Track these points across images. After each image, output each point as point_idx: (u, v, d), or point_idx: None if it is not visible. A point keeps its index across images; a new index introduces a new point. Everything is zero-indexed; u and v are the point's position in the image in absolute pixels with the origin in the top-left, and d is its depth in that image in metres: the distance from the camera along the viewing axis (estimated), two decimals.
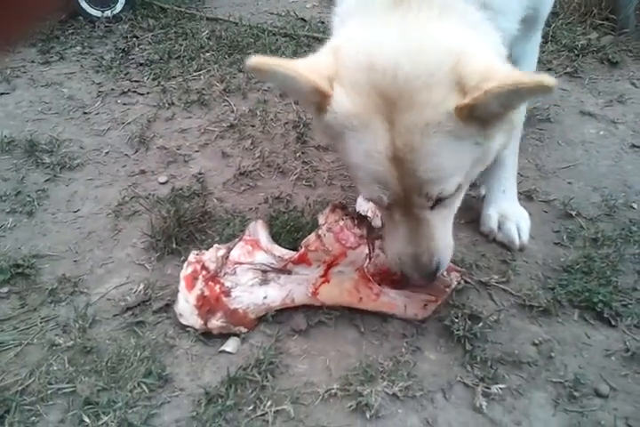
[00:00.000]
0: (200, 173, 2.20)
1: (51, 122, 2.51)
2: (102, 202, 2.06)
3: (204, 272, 1.61)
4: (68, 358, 1.51)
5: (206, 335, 1.56)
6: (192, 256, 1.66)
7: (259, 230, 1.69)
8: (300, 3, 3.81)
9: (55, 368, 1.49)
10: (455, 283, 1.60)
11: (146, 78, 2.85)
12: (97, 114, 2.58)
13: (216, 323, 1.54)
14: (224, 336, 1.56)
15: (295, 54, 3.01)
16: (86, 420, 1.37)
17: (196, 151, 2.34)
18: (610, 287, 1.66)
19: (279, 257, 1.63)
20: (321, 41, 3.20)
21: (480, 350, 1.52)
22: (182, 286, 1.60)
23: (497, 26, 1.30)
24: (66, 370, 1.48)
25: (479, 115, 1.15)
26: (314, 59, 1.26)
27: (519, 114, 1.32)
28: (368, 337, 1.58)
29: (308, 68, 1.21)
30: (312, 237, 1.55)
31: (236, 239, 1.69)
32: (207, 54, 3.03)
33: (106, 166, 2.25)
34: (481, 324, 1.57)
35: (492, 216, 1.89)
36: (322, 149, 2.34)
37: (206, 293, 1.57)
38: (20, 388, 1.44)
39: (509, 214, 1.88)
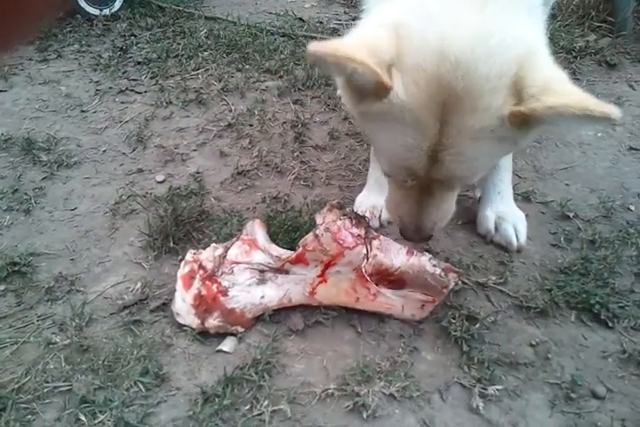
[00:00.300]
0: (198, 172, 2.20)
1: (48, 120, 2.50)
2: (99, 200, 2.06)
3: (201, 271, 1.60)
4: (65, 356, 1.51)
5: (203, 335, 1.56)
6: (189, 255, 1.66)
7: (256, 230, 1.69)
8: (299, 2, 3.81)
9: (51, 367, 1.49)
10: (453, 284, 1.60)
11: (144, 77, 2.84)
12: (94, 112, 2.57)
13: (213, 322, 1.54)
14: (221, 336, 1.56)
15: (293, 54, 3.01)
16: (82, 418, 1.36)
17: (194, 150, 2.34)
18: (607, 289, 1.67)
19: (277, 257, 1.63)
20: (319, 41, 3.20)
21: (477, 351, 1.52)
22: (179, 285, 1.60)
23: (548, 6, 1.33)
24: (62, 368, 1.48)
25: (530, 122, 1.10)
26: (371, 37, 1.12)
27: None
28: (365, 337, 1.58)
29: (370, 52, 1.06)
30: (309, 236, 1.55)
31: (234, 239, 1.69)
32: (205, 53, 3.03)
33: (103, 165, 2.25)
34: (478, 325, 1.57)
35: (489, 217, 1.88)
36: (320, 149, 2.34)
37: (203, 292, 1.56)
38: (16, 386, 1.43)
39: (506, 216, 1.87)
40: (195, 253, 1.66)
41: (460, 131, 1.12)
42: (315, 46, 1.01)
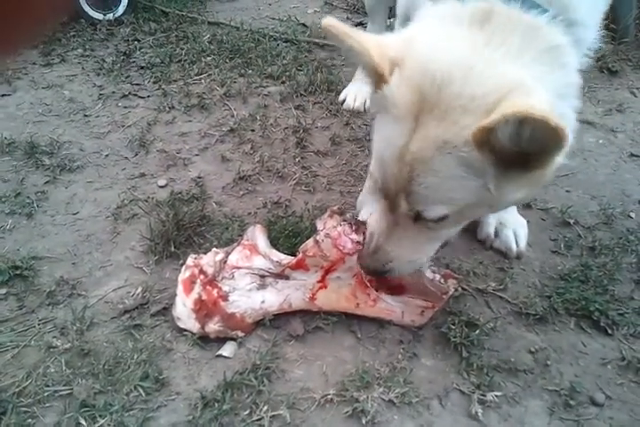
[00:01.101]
0: (199, 177, 2.21)
1: (51, 124, 2.51)
2: (101, 205, 2.06)
3: (201, 276, 1.61)
4: (66, 360, 1.51)
5: (203, 339, 1.56)
6: (190, 260, 1.67)
7: (257, 235, 1.70)
8: (302, 8, 3.82)
9: (52, 370, 1.49)
10: (452, 290, 1.61)
11: (147, 82, 2.85)
12: (97, 117, 2.58)
13: (213, 327, 1.55)
14: (221, 340, 1.56)
15: (295, 60, 3.03)
16: (83, 423, 1.37)
17: (196, 155, 2.34)
18: (607, 296, 1.67)
19: (277, 262, 1.63)
20: (322, 46, 3.22)
21: (476, 358, 1.52)
22: (180, 289, 1.60)
23: (582, 47, 1.32)
24: (63, 372, 1.48)
25: (494, 145, 1.12)
26: (387, 38, 1.29)
27: (541, 175, 1.21)
28: (365, 343, 1.58)
29: (377, 45, 1.23)
30: (310, 242, 1.56)
31: (235, 244, 1.69)
32: (208, 58, 3.04)
33: (105, 169, 2.26)
34: (477, 331, 1.57)
35: (489, 223, 1.89)
36: (321, 155, 2.35)
37: (204, 297, 1.57)
38: (16, 390, 1.44)
39: (507, 222, 1.88)
40: (196, 258, 1.67)
41: (427, 138, 1.18)
42: (330, 20, 1.25)
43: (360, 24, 3.56)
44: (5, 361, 1.52)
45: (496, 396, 1.43)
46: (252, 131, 2.48)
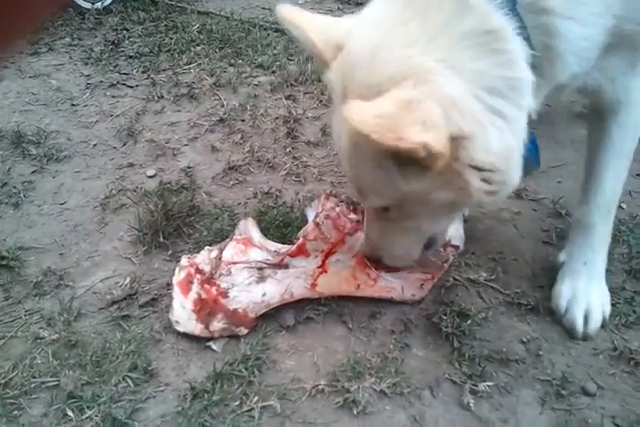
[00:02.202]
0: (189, 167, 2.18)
1: (38, 113, 2.48)
2: (89, 195, 2.04)
3: (198, 275, 1.58)
4: (53, 351, 1.49)
5: None
6: (184, 260, 1.63)
7: (249, 228, 1.68)
8: None
9: (39, 362, 1.47)
10: (451, 257, 1.59)
11: (135, 71, 2.82)
12: (85, 106, 2.55)
13: (218, 325, 1.50)
14: None
15: (286, 49, 3.00)
16: (70, 414, 1.35)
17: (185, 145, 2.32)
18: None
19: (275, 252, 1.61)
20: None
21: (468, 348, 1.51)
22: (177, 292, 1.55)
23: (564, 43, 1.13)
24: (50, 364, 1.46)
25: None
26: (338, 23, 1.26)
27: (448, 180, 1.11)
28: (356, 333, 1.57)
29: (323, 31, 1.24)
30: (310, 226, 1.54)
31: (227, 240, 1.67)
32: (198, 48, 3.01)
33: (93, 159, 2.23)
34: (469, 321, 1.56)
35: (562, 293, 1.60)
36: (312, 145, 2.33)
37: (203, 295, 1.53)
38: (2, 381, 1.42)
39: (581, 294, 1.58)
40: (189, 258, 1.63)
41: (344, 117, 1.03)
42: (285, 10, 1.28)
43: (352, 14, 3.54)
44: None
45: (488, 386, 1.42)
46: (242, 121, 2.46)
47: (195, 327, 1.51)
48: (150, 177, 2.13)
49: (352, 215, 1.54)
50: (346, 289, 1.58)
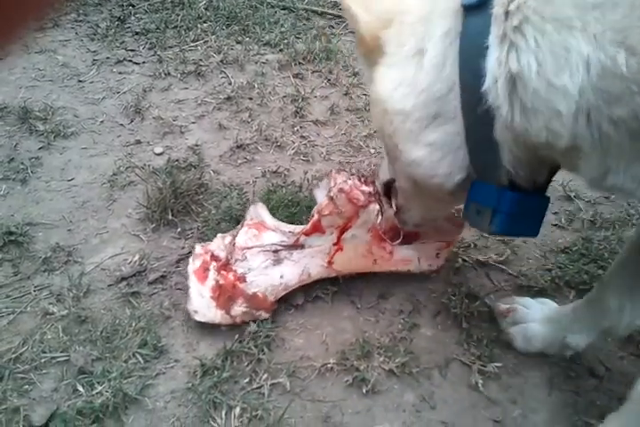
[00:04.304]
0: (196, 145, 2.17)
1: (45, 89, 2.46)
2: (97, 171, 2.03)
3: (214, 262, 1.55)
4: (62, 327, 1.50)
5: None
6: (198, 248, 1.60)
7: (260, 212, 1.66)
8: None
9: (49, 337, 1.47)
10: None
11: (142, 47, 2.79)
12: (92, 82, 2.53)
13: (239, 309, 1.48)
14: None
15: (294, 27, 2.97)
16: (80, 389, 1.36)
17: (193, 123, 2.30)
18: (607, 269, 1.66)
19: (290, 232, 1.60)
20: (320, 14, 3.16)
21: (477, 329, 1.52)
22: (193, 280, 1.52)
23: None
24: (60, 339, 1.47)
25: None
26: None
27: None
28: (364, 313, 1.57)
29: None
30: (324, 201, 1.52)
31: (239, 226, 1.65)
32: (204, 25, 2.97)
33: (100, 135, 2.21)
34: (478, 302, 1.57)
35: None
36: (320, 124, 2.31)
37: (221, 281, 1.50)
38: (13, 356, 1.42)
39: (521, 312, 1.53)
40: (203, 246, 1.61)
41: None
42: None
43: None
44: (1, 327, 1.50)
45: (496, 367, 1.43)
46: (250, 99, 2.44)
47: (215, 315, 1.48)
48: (158, 154, 2.12)
49: (364, 187, 1.52)
50: (363, 265, 1.56)
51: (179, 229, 1.78)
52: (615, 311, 1.32)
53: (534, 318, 1.49)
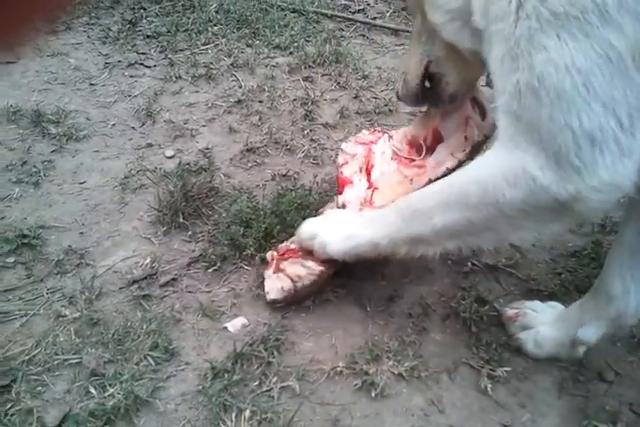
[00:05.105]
0: (207, 148, 2.18)
1: (57, 92, 2.48)
2: (109, 174, 2.05)
3: (274, 253, 1.63)
4: (75, 329, 1.51)
5: (213, 311, 1.56)
6: (268, 255, 1.66)
7: None
8: None
9: (61, 339, 1.49)
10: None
11: (153, 51, 2.81)
12: (103, 85, 2.55)
13: (286, 263, 1.57)
14: (231, 314, 1.56)
15: (304, 30, 2.98)
16: (92, 391, 1.37)
17: (203, 126, 2.32)
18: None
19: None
20: (330, 17, 3.17)
21: (486, 333, 1.52)
22: (266, 273, 1.61)
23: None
24: (72, 341, 1.48)
25: None
26: None
27: None
28: (374, 316, 1.58)
29: None
30: (338, 159, 1.65)
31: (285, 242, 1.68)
32: (215, 28, 2.99)
33: (112, 139, 2.23)
34: (487, 307, 1.57)
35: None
36: (329, 127, 2.32)
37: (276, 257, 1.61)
38: (26, 358, 1.44)
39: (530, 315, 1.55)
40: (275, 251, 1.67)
41: None
42: None
43: None
44: (14, 329, 1.52)
45: (505, 371, 1.43)
46: (260, 102, 2.46)
47: (274, 284, 1.56)
48: (169, 158, 2.14)
49: (364, 131, 1.70)
50: (402, 190, 1.55)
51: (189, 233, 1.80)
52: (620, 296, 1.34)
53: (544, 321, 1.49)
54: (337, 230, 1.49)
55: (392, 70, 2.69)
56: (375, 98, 2.49)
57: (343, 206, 1.60)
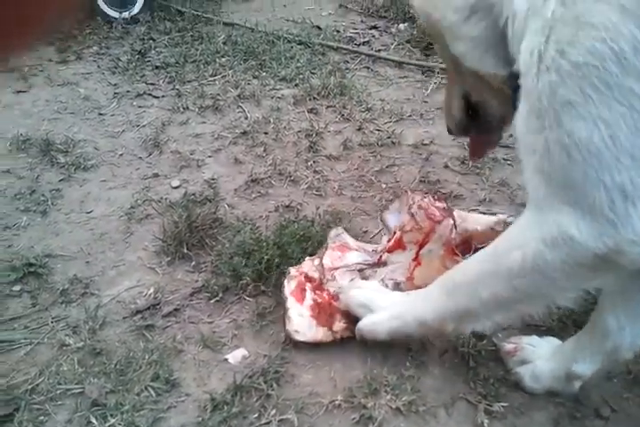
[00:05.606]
0: (212, 179, 2.22)
1: (66, 122, 2.53)
2: (115, 204, 2.09)
3: (308, 283, 1.63)
4: (78, 358, 1.53)
5: (214, 342, 1.58)
6: (293, 271, 1.67)
7: (342, 235, 1.77)
8: (316, 10, 3.84)
9: (65, 369, 1.51)
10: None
11: (161, 81, 2.87)
12: (112, 115, 2.61)
13: (340, 324, 1.56)
14: (232, 345, 1.58)
15: (309, 62, 3.04)
16: (94, 421, 1.39)
17: (209, 157, 2.37)
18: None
19: (373, 251, 1.69)
20: (336, 49, 3.24)
21: (484, 368, 1.54)
22: (292, 302, 1.59)
23: None
24: (75, 371, 1.50)
25: None
26: None
27: None
28: (373, 350, 1.59)
29: None
30: (406, 218, 1.62)
31: (323, 249, 1.73)
32: (223, 59, 3.06)
33: (120, 168, 2.28)
34: (485, 341, 1.59)
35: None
36: (333, 159, 2.36)
37: (319, 300, 1.59)
38: (29, 387, 1.46)
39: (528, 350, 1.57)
40: (297, 268, 1.68)
41: None
42: None
43: (374, 27, 3.58)
44: (18, 358, 1.54)
45: (502, 406, 1.44)
46: (265, 133, 2.50)
47: (316, 333, 1.55)
48: (175, 188, 2.18)
49: (438, 204, 1.66)
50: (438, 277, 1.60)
51: (193, 263, 1.83)
52: (615, 331, 1.35)
53: (541, 355, 1.51)
54: (384, 307, 1.51)
55: (395, 102, 2.74)
56: (378, 130, 2.54)
57: (384, 263, 1.65)
